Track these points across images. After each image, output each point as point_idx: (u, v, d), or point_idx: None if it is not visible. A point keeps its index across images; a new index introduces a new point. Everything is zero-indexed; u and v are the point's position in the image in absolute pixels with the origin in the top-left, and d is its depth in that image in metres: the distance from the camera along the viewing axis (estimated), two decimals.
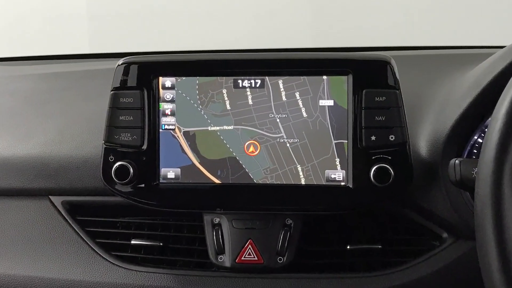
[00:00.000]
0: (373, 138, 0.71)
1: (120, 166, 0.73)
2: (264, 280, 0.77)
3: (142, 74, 0.74)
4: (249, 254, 0.75)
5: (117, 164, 0.73)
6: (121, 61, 0.75)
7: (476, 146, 0.74)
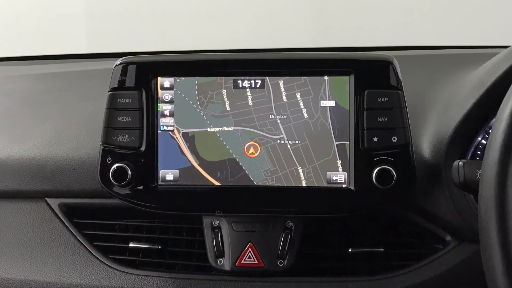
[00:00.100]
0: (375, 140, 0.71)
1: (118, 168, 0.72)
2: (265, 284, 0.76)
3: (140, 74, 0.74)
4: (249, 258, 0.75)
5: (115, 166, 0.72)
6: (119, 61, 0.75)
7: (480, 148, 0.73)
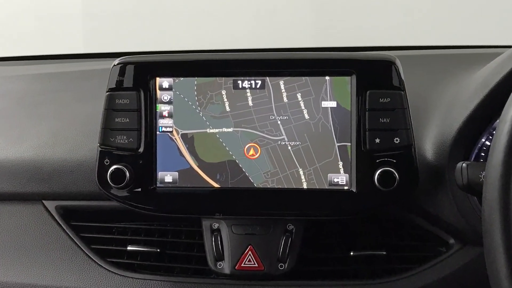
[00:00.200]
0: (377, 141, 0.70)
1: (116, 170, 0.72)
2: None
3: (139, 75, 0.74)
4: (249, 261, 0.74)
5: (113, 168, 0.72)
6: (117, 61, 0.75)
7: (484, 149, 0.73)
